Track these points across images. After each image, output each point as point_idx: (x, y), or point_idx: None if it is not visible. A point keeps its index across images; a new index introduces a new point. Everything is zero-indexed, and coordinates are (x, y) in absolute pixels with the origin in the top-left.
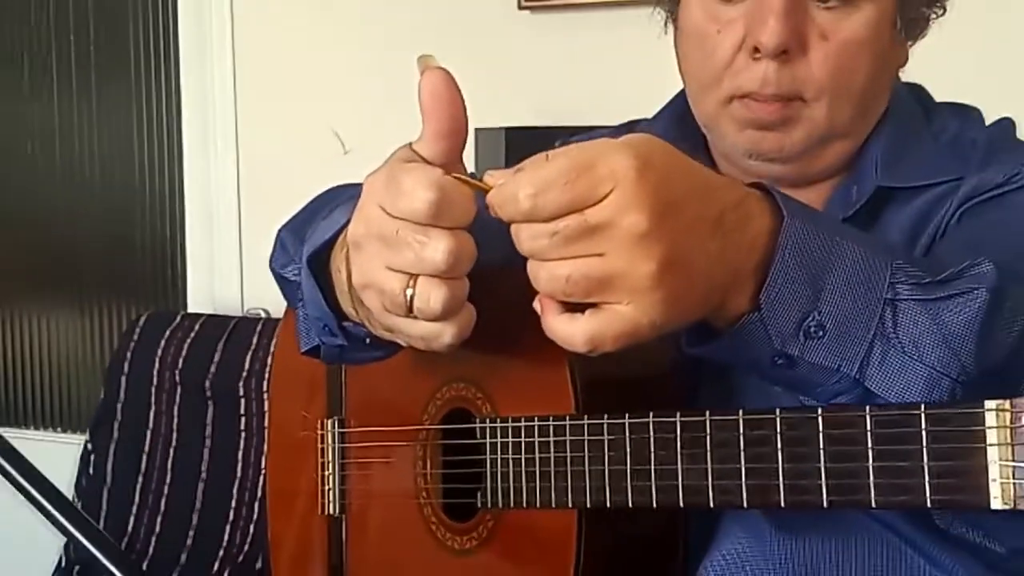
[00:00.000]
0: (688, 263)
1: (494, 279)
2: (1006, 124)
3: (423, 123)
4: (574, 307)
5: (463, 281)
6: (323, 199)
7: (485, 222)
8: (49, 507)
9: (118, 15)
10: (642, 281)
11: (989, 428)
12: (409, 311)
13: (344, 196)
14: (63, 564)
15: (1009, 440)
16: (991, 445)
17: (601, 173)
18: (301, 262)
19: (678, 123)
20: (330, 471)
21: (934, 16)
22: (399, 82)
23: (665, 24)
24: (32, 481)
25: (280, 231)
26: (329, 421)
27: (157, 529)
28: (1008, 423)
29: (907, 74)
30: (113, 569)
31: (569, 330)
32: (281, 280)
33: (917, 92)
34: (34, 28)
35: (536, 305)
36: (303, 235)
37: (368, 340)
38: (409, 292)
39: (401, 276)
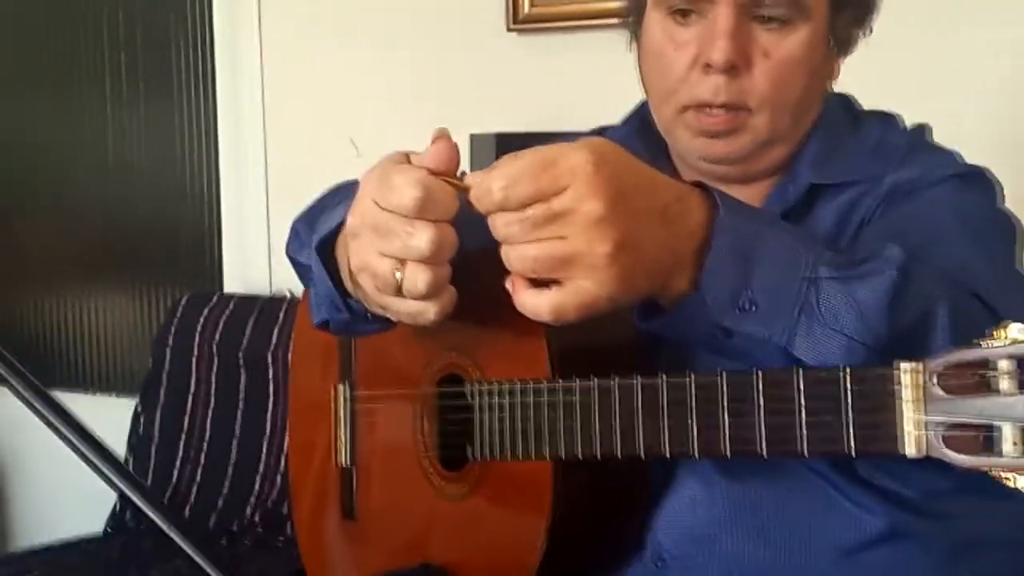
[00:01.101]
0: (638, 245)
1: (480, 264)
2: (923, 129)
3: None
4: (541, 284)
5: (446, 267)
6: (330, 194)
7: (469, 217)
8: (98, 463)
9: (163, 33)
10: (599, 259)
11: (904, 386)
12: (398, 291)
13: (348, 192)
14: (118, 509)
15: (921, 396)
16: (905, 401)
17: (562, 168)
18: (311, 248)
19: (641, 128)
20: (342, 428)
21: (862, 36)
22: (403, 95)
23: (629, 42)
24: (84, 440)
25: (295, 222)
26: (341, 385)
27: (198, 479)
28: (920, 382)
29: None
30: (146, 507)
31: (536, 302)
32: (295, 264)
33: (846, 101)
34: (90, 46)
35: (508, 284)
36: (314, 225)
37: (368, 315)
38: (398, 275)
39: (391, 261)
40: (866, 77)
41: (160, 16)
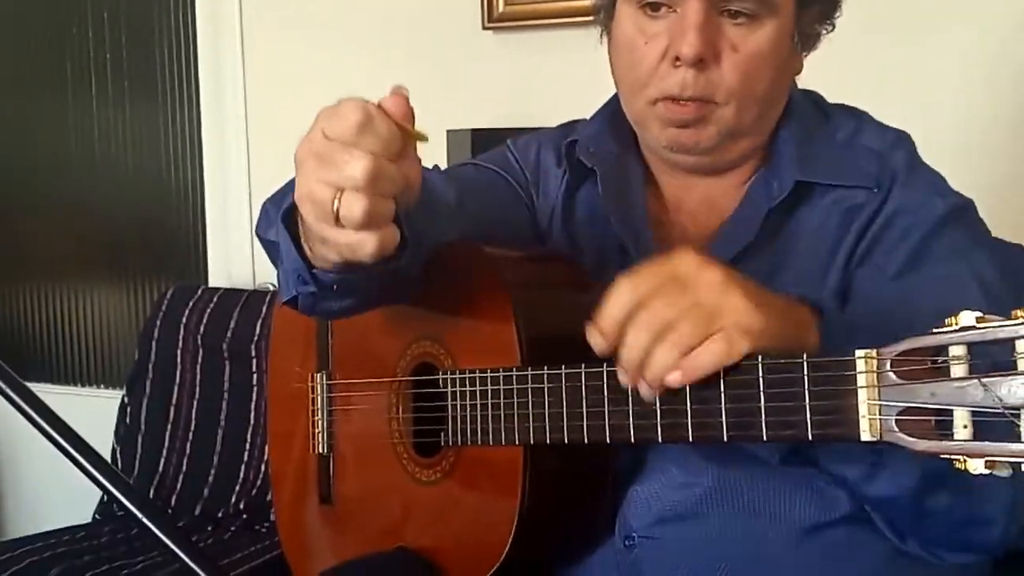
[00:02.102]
0: (760, 299)
1: (455, 254)
2: (911, 143)
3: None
4: None
5: (386, 200)
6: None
7: (446, 206)
8: (81, 460)
9: (147, 32)
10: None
11: (860, 373)
12: (336, 220)
13: None
14: (106, 497)
15: (876, 383)
16: (861, 387)
17: (666, 264)
18: (278, 222)
19: (611, 122)
20: (319, 416)
21: (825, 32)
22: (381, 93)
23: (601, 36)
24: (66, 436)
25: (264, 202)
26: (318, 375)
27: (184, 468)
28: (875, 368)
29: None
30: (121, 497)
31: (702, 358)
32: (265, 243)
33: (812, 96)
34: (76, 46)
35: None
36: (282, 204)
37: (335, 287)
38: (336, 203)
39: (330, 188)
40: (829, 77)
41: (144, 16)
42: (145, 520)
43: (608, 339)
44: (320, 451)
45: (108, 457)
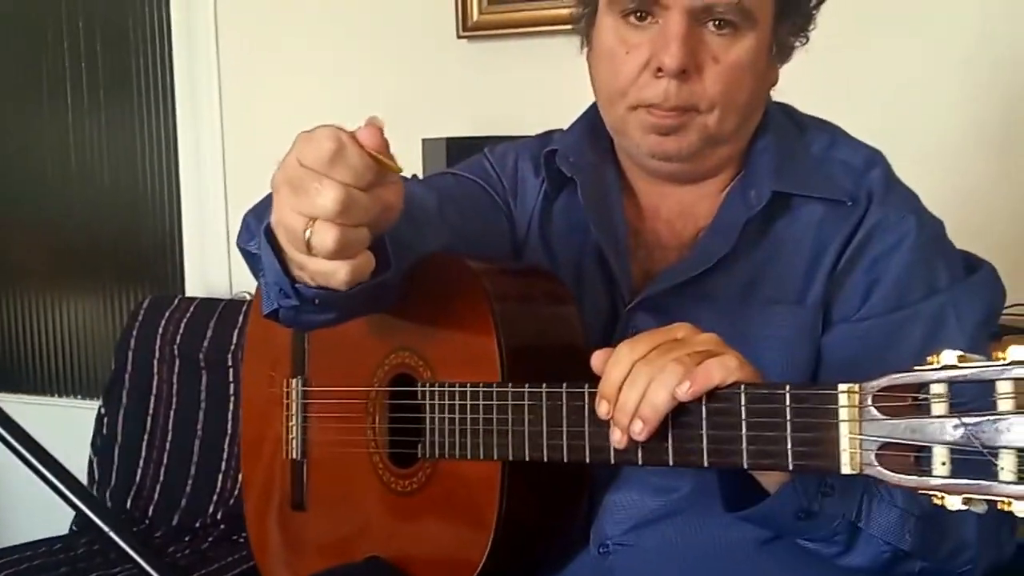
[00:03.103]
0: None
1: (437, 266)
2: (885, 159)
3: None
4: None
5: (358, 230)
6: None
7: (426, 214)
8: (51, 477)
9: (122, 44)
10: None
11: (841, 407)
12: (309, 249)
13: None
14: None
15: (857, 417)
16: (842, 421)
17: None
18: (260, 235)
19: (590, 131)
20: (293, 422)
21: (799, 44)
22: (357, 101)
23: (581, 44)
24: (36, 454)
25: (246, 214)
26: (294, 380)
27: (161, 479)
28: (857, 403)
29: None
30: (92, 515)
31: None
32: (246, 255)
33: (786, 109)
34: (51, 56)
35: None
36: (263, 216)
37: (317, 301)
38: (308, 232)
39: (302, 218)
40: (801, 84)
41: (119, 26)
42: (114, 536)
43: (612, 403)
44: (294, 457)
45: (85, 467)
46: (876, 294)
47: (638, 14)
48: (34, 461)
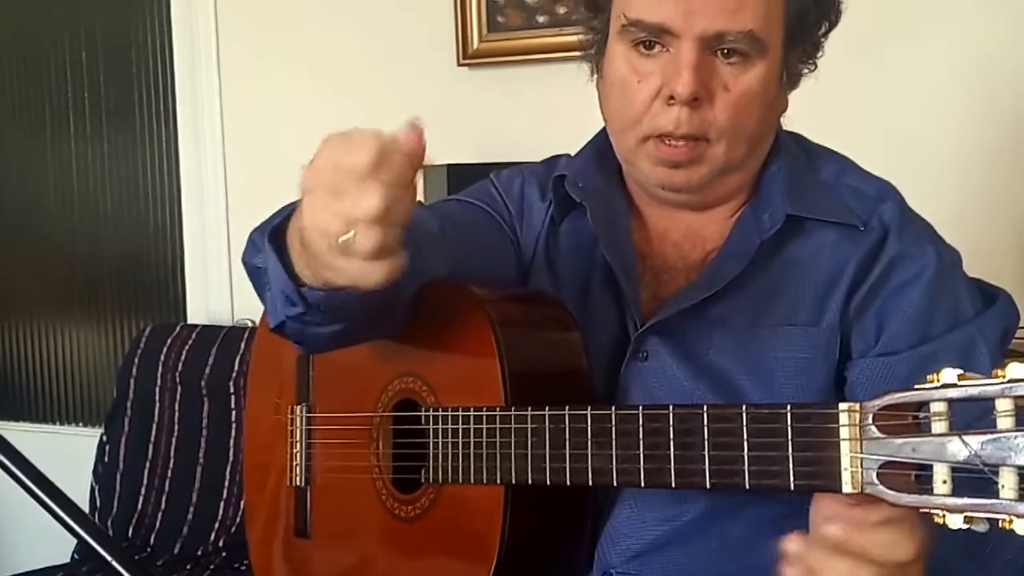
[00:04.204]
0: None
1: (441, 292)
2: (897, 190)
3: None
4: None
5: (396, 230)
6: (285, 207)
7: (430, 241)
8: (53, 505)
9: (124, 72)
10: None
11: (842, 426)
12: (346, 252)
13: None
14: None
15: (858, 436)
16: (843, 440)
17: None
18: (265, 241)
19: (598, 157)
20: (298, 449)
21: (808, 71)
22: (356, 126)
23: (592, 73)
24: (37, 482)
25: (251, 232)
26: (298, 407)
27: (163, 506)
28: (858, 422)
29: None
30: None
31: None
32: (252, 270)
33: (796, 138)
34: (54, 85)
35: None
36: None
37: (322, 307)
38: (348, 235)
39: (342, 220)
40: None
41: (121, 55)
42: (116, 565)
43: None
44: (298, 484)
45: (87, 495)
46: (898, 326)
47: (649, 43)
48: (35, 489)
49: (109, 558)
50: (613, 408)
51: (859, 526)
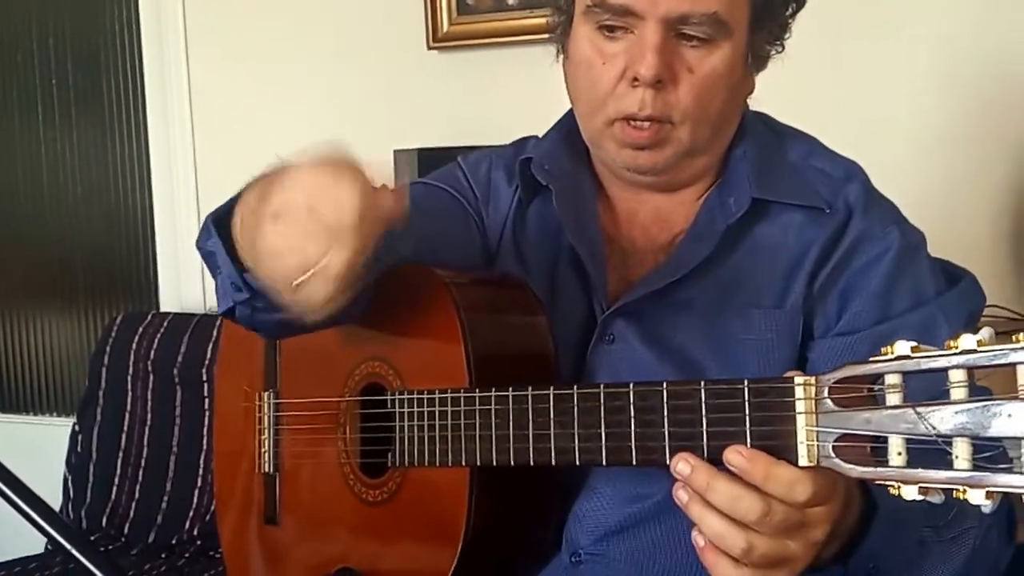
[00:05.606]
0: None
1: (405, 275)
2: (863, 171)
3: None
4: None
5: (349, 286)
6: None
7: (395, 230)
8: (13, 496)
9: (92, 61)
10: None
11: (798, 399)
12: (295, 291)
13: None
14: None
15: (814, 409)
16: (799, 414)
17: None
18: (210, 226)
19: (565, 139)
20: (266, 435)
21: (775, 52)
22: (328, 113)
23: (557, 54)
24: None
25: (206, 217)
26: (265, 393)
27: (136, 496)
28: (813, 395)
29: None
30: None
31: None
32: (205, 255)
33: (763, 118)
34: (22, 74)
35: (697, 539)
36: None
37: (268, 294)
38: (303, 277)
39: (302, 265)
40: (774, 89)
41: (89, 43)
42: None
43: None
44: (266, 470)
45: (60, 485)
46: (860, 306)
47: (612, 27)
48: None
49: (70, 548)
50: (575, 387)
51: (764, 459)
